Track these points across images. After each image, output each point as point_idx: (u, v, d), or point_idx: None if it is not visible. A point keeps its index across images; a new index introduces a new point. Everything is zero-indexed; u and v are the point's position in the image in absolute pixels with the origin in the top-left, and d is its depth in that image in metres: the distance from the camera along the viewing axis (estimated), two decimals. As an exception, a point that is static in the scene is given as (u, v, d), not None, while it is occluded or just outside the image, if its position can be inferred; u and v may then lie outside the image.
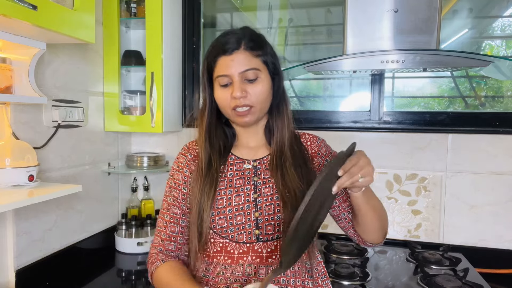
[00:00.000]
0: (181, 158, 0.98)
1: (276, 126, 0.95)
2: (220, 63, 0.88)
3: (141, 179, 1.87)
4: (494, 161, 1.58)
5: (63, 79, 1.45)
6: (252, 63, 0.88)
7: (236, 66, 0.87)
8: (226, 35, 0.90)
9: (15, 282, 1.24)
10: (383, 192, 1.71)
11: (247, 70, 0.87)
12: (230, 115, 0.91)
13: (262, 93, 0.88)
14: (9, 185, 1.14)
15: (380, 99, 1.72)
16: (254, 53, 0.88)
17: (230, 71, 0.87)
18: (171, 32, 1.75)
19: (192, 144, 1.00)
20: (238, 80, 0.87)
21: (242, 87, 0.87)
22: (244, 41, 0.88)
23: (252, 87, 0.88)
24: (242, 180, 0.93)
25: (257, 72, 0.88)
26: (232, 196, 0.90)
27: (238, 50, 0.87)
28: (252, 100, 0.88)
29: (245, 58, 0.87)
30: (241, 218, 0.88)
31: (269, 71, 0.91)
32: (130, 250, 1.67)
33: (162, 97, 1.67)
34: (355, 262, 1.46)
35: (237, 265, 0.88)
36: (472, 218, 1.61)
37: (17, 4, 0.92)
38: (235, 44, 0.87)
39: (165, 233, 0.95)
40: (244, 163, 0.95)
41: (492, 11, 1.77)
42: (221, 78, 0.88)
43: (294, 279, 0.89)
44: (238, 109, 0.88)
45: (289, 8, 2.06)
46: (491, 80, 1.76)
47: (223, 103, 0.90)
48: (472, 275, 1.36)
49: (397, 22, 1.36)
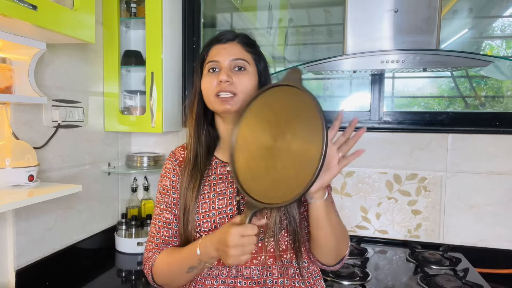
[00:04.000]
0: (167, 164, 0.99)
1: None
2: (212, 50, 0.92)
3: (141, 179, 1.87)
4: (494, 161, 1.58)
5: (63, 79, 1.45)
6: (243, 55, 0.91)
7: (227, 54, 0.90)
8: (224, 31, 0.95)
9: (15, 282, 1.24)
10: (383, 192, 1.71)
11: (237, 59, 0.90)
12: (212, 102, 0.90)
13: (247, 84, 0.90)
14: (9, 185, 1.14)
15: (380, 99, 1.72)
16: (246, 48, 0.92)
17: (220, 58, 0.90)
18: (171, 32, 1.75)
19: (178, 149, 1.01)
20: (227, 66, 0.89)
21: (229, 73, 0.88)
22: (239, 37, 0.93)
23: (239, 76, 0.89)
24: (225, 183, 0.93)
25: (246, 64, 0.90)
26: (215, 200, 0.91)
27: (232, 42, 0.92)
28: (237, 88, 0.88)
29: (237, 49, 0.91)
30: (225, 221, 0.88)
31: (258, 70, 0.94)
32: (130, 250, 1.67)
33: (162, 97, 1.67)
34: (355, 262, 1.46)
35: (223, 267, 0.89)
36: (472, 218, 1.62)
37: (17, 4, 0.92)
38: (230, 36, 0.93)
39: (159, 238, 0.95)
40: (227, 166, 0.95)
41: (492, 11, 1.77)
42: (211, 63, 0.91)
43: (282, 279, 0.88)
44: (221, 94, 0.88)
45: (289, 8, 2.06)
46: (491, 80, 1.76)
47: (207, 88, 0.90)
48: (472, 275, 1.36)
49: (397, 22, 1.36)
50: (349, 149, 0.79)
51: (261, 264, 0.88)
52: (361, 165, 1.72)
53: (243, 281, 0.87)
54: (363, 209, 1.73)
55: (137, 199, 1.85)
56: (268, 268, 0.88)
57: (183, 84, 1.92)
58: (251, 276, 0.87)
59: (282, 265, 0.89)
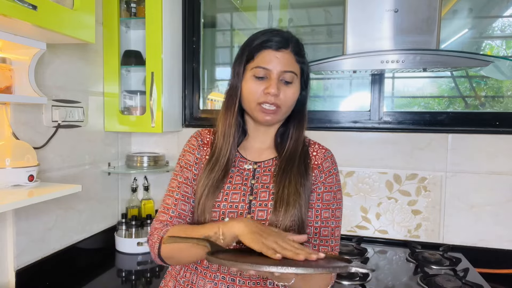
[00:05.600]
0: (193, 140, 0.99)
1: (292, 135, 0.95)
2: (264, 55, 0.88)
3: (141, 179, 1.87)
4: (494, 161, 1.58)
5: (63, 79, 1.45)
6: (294, 67, 0.89)
7: (279, 64, 0.87)
8: (274, 31, 0.90)
9: (15, 282, 1.24)
10: (383, 192, 1.71)
11: (288, 71, 0.88)
12: (253, 109, 0.90)
13: (292, 98, 0.89)
14: (9, 185, 1.14)
15: (380, 99, 1.72)
16: (297, 58, 0.90)
17: (271, 66, 0.87)
18: (171, 32, 1.75)
19: (205, 131, 1.00)
20: (276, 77, 0.87)
21: (278, 85, 0.87)
22: (292, 43, 0.89)
23: (286, 89, 0.88)
24: (240, 178, 0.93)
25: (294, 77, 0.89)
26: (229, 192, 0.91)
27: (286, 50, 0.88)
28: (281, 101, 0.88)
29: (289, 59, 0.88)
30: (234, 216, 0.89)
31: (302, 81, 0.93)
32: (130, 250, 1.67)
33: (162, 97, 1.67)
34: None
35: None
36: (472, 218, 1.61)
37: (17, 4, 0.92)
38: (283, 42, 0.88)
39: (175, 211, 0.92)
40: (246, 163, 0.95)
41: (492, 11, 1.77)
42: (259, 69, 0.87)
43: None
44: (265, 106, 0.88)
45: (289, 8, 2.06)
46: (491, 80, 1.76)
47: (251, 95, 0.89)
48: (472, 275, 1.36)
49: (397, 22, 1.36)
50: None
51: None
52: (361, 165, 1.72)
53: (242, 280, 0.87)
54: (363, 209, 1.73)
55: (137, 199, 1.85)
56: None
57: (183, 84, 1.92)
58: (250, 276, 0.87)
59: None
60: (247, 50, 0.90)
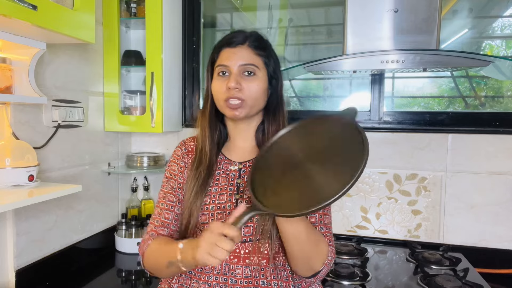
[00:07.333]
0: (177, 151, 1.03)
1: (269, 130, 0.96)
2: (223, 54, 0.92)
3: (141, 179, 1.87)
4: (494, 161, 1.58)
5: (63, 79, 1.45)
6: (253, 60, 0.91)
7: (237, 58, 0.90)
8: (235, 32, 0.94)
9: (15, 282, 1.24)
10: (383, 192, 1.71)
11: (246, 64, 0.90)
12: (222, 106, 0.92)
13: (256, 90, 0.90)
14: (9, 185, 1.14)
15: (380, 99, 1.72)
16: (256, 52, 0.91)
17: (230, 62, 0.90)
18: (171, 32, 1.75)
19: (189, 139, 1.04)
20: (236, 72, 0.89)
21: (238, 79, 0.89)
22: (250, 39, 0.92)
23: (248, 81, 0.90)
24: (226, 179, 0.95)
25: (255, 69, 0.90)
26: (216, 194, 0.92)
27: (242, 45, 0.91)
28: (245, 94, 0.89)
29: (247, 54, 0.91)
30: (222, 216, 0.90)
31: (268, 73, 0.93)
32: (130, 250, 1.67)
33: (162, 97, 1.67)
34: (355, 262, 1.46)
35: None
36: (472, 218, 1.61)
37: (17, 4, 0.92)
38: (240, 39, 0.92)
39: (159, 220, 0.97)
40: (231, 165, 0.97)
41: (492, 11, 1.77)
42: (220, 67, 0.91)
43: (276, 281, 0.87)
44: (230, 101, 0.89)
45: (289, 8, 2.06)
46: (491, 80, 1.76)
47: (217, 93, 0.92)
48: (472, 275, 1.36)
49: (397, 22, 1.36)
50: None
51: (253, 264, 0.88)
52: (361, 165, 1.72)
53: (234, 279, 0.87)
54: (363, 209, 1.73)
55: (137, 199, 1.85)
56: (260, 269, 0.88)
57: (183, 84, 1.92)
58: (242, 275, 0.87)
59: (275, 267, 0.89)
60: (212, 53, 0.95)
